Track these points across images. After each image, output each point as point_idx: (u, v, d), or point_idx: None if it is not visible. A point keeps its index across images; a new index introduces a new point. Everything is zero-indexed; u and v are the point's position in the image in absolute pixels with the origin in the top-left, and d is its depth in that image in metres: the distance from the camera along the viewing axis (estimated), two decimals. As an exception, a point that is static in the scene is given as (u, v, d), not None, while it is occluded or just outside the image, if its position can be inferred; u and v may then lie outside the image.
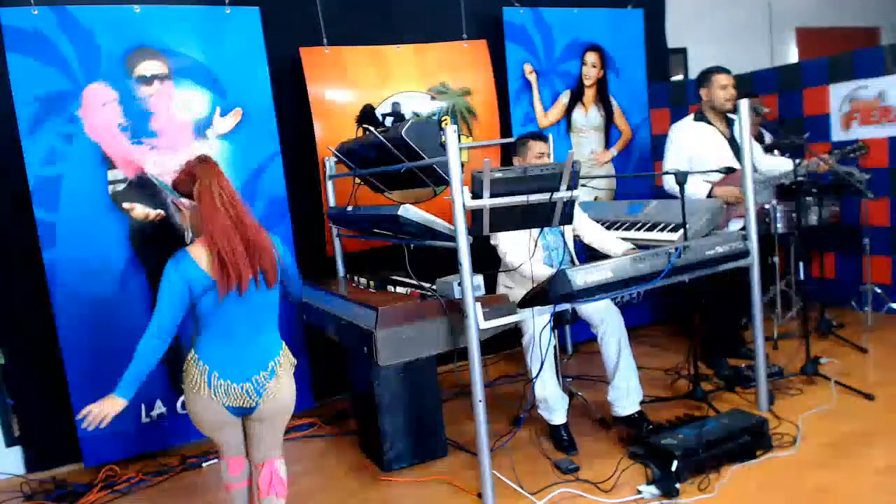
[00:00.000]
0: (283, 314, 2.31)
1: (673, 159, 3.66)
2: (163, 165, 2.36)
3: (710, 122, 3.64)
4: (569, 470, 2.73)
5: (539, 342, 2.87)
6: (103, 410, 1.90)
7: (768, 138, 4.52)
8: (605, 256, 3.03)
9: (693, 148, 3.62)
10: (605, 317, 3.04)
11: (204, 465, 3.20)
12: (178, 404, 3.35)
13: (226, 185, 2.04)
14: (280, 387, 2.13)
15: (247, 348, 2.09)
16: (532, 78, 4.28)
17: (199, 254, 2.00)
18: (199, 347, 2.08)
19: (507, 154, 4.27)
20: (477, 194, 2.35)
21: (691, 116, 3.72)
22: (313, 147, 3.69)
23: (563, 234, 3.20)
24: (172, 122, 2.36)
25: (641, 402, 3.06)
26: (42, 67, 2.99)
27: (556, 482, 2.66)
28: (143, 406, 3.27)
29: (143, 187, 2.38)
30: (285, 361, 2.18)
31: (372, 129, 3.01)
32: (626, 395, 3.02)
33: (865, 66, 4.36)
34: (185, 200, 2.08)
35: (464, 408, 3.47)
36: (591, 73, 4.49)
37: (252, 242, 2.02)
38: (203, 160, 2.09)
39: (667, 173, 3.42)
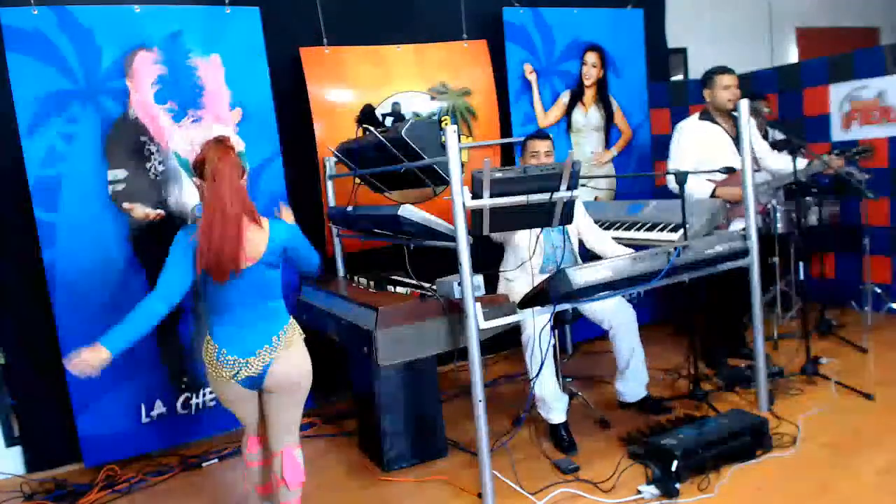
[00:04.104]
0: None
1: (678, 158, 3.64)
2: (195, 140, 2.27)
3: (715, 122, 3.63)
4: (569, 470, 2.73)
5: (539, 341, 2.87)
6: (86, 360, 1.83)
7: (775, 136, 4.49)
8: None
9: (698, 147, 3.60)
10: (616, 315, 3.07)
11: (204, 465, 3.20)
12: (179, 404, 3.35)
13: (224, 169, 2.02)
14: (287, 357, 2.15)
15: (248, 324, 2.13)
16: (532, 78, 4.28)
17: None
18: (211, 327, 2.16)
19: (508, 154, 4.27)
20: (477, 194, 2.36)
21: (696, 115, 3.70)
22: (313, 147, 3.68)
23: (565, 234, 3.20)
24: (219, 96, 2.30)
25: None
26: (42, 67, 2.99)
27: (556, 482, 2.66)
28: (143, 406, 3.26)
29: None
30: (292, 334, 2.19)
31: (372, 129, 3.01)
32: (635, 387, 3.18)
33: (865, 66, 4.36)
34: (195, 179, 2.12)
35: (464, 408, 3.47)
36: (591, 73, 4.49)
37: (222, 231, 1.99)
38: (219, 140, 2.10)
39: (668, 173, 3.42)
